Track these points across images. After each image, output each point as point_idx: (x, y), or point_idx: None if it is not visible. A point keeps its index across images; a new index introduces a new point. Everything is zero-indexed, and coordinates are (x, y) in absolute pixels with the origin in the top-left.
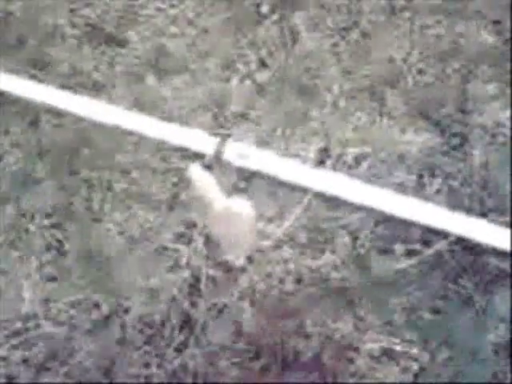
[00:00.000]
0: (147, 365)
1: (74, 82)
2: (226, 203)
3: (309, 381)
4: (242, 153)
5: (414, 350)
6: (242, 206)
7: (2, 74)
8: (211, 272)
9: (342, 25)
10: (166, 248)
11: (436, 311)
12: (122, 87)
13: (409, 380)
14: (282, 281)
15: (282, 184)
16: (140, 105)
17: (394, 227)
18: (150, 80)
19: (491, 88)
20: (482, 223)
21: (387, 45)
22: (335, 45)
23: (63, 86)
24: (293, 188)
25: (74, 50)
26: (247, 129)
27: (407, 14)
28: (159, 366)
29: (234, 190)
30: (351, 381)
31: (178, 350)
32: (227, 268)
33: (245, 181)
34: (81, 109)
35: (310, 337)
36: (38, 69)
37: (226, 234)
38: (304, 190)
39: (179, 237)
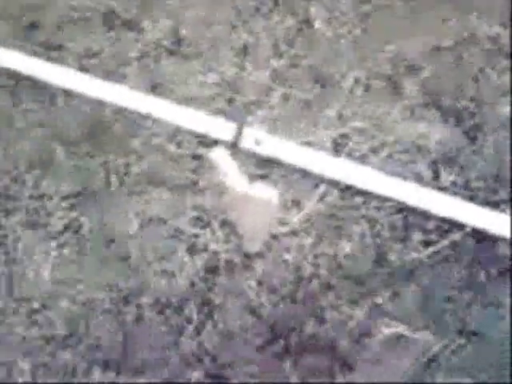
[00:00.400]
0: (164, 346)
1: (90, 64)
2: (249, 188)
3: (323, 365)
4: (259, 139)
5: (429, 337)
6: (267, 193)
7: (19, 55)
8: (228, 257)
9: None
10: (182, 232)
11: (451, 300)
12: (139, 71)
13: (422, 366)
14: (298, 267)
15: (298, 171)
16: (156, 89)
17: (410, 217)
18: (167, 64)
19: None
20: (495, 214)
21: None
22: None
23: (81, 69)
24: (310, 176)
25: (90, 32)
26: (263, 115)
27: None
28: (176, 346)
29: (252, 177)
30: (365, 366)
31: (196, 331)
32: (244, 253)
33: (262, 167)
34: (98, 92)
35: (326, 322)
36: (53, 50)
37: (246, 219)
38: (321, 179)
39: (196, 221)
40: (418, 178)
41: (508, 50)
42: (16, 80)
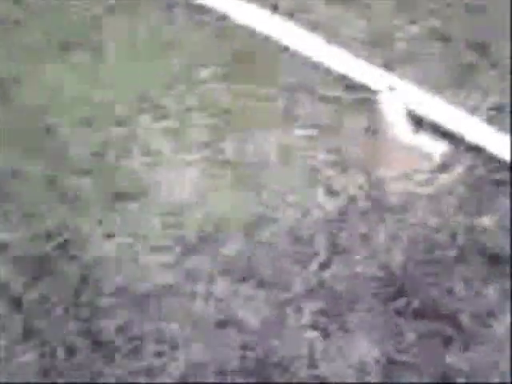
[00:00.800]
0: (289, 271)
1: None
2: (413, 138)
3: (440, 334)
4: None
5: None
6: (431, 146)
7: None
8: (364, 203)
9: None
10: (318, 170)
11: None
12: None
13: None
14: (435, 231)
15: (448, 135)
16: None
17: None
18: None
19: None
20: None
21: None
22: None
23: None
24: (462, 143)
25: None
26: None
27: None
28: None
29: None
30: (483, 349)
31: (322, 266)
32: (381, 204)
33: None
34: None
35: (454, 293)
36: None
37: (397, 169)
38: (473, 148)
39: (335, 163)
40: None
41: None
42: None
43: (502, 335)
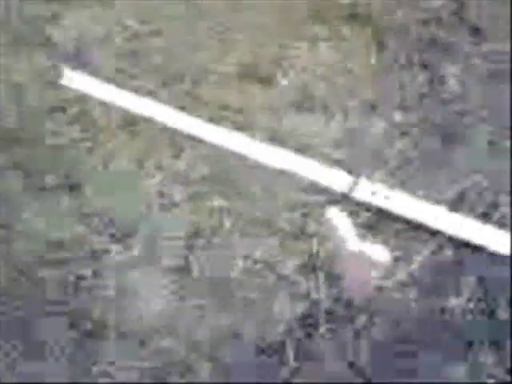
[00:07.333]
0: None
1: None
2: (360, 246)
3: None
4: (374, 191)
5: None
6: (378, 253)
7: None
8: (330, 307)
9: None
10: (285, 277)
11: None
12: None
13: None
14: (401, 321)
15: (410, 224)
16: (276, 138)
17: None
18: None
19: None
20: None
21: None
22: None
23: (210, 119)
24: (423, 230)
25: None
26: (379, 168)
27: None
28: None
29: (362, 228)
30: None
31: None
32: (346, 304)
33: (373, 219)
34: (221, 140)
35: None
36: None
37: (352, 275)
38: (434, 233)
39: (301, 268)
40: None
41: None
42: None
43: None
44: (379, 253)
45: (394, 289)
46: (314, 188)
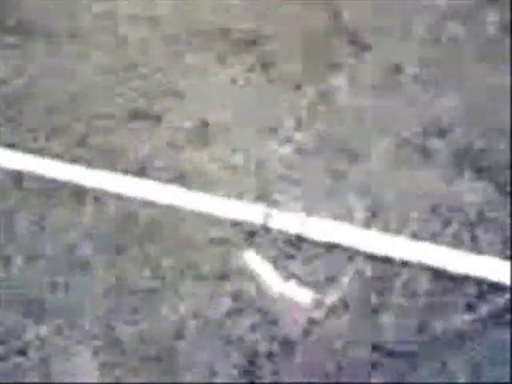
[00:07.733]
0: None
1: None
2: (282, 288)
3: None
4: (290, 219)
5: None
6: (299, 293)
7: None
8: (268, 347)
9: None
10: (219, 323)
11: None
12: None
13: None
14: (342, 348)
15: (330, 247)
16: (181, 177)
17: (448, 282)
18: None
19: None
20: None
21: None
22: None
23: (110, 168)
24: (343, 250)
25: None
26: (290, 193)
27: None
28: None
29: (282, 258)
30: None
31: None
32: (284, 342)
33: (294, 247)
34: (124, 188)
35: None
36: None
37: (282, 315)
38: (354, 252)
39: (232, 311)
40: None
41: None
42: None
43: None
44: (300, 294)
45: (327, 315)
46: (229, 223)
